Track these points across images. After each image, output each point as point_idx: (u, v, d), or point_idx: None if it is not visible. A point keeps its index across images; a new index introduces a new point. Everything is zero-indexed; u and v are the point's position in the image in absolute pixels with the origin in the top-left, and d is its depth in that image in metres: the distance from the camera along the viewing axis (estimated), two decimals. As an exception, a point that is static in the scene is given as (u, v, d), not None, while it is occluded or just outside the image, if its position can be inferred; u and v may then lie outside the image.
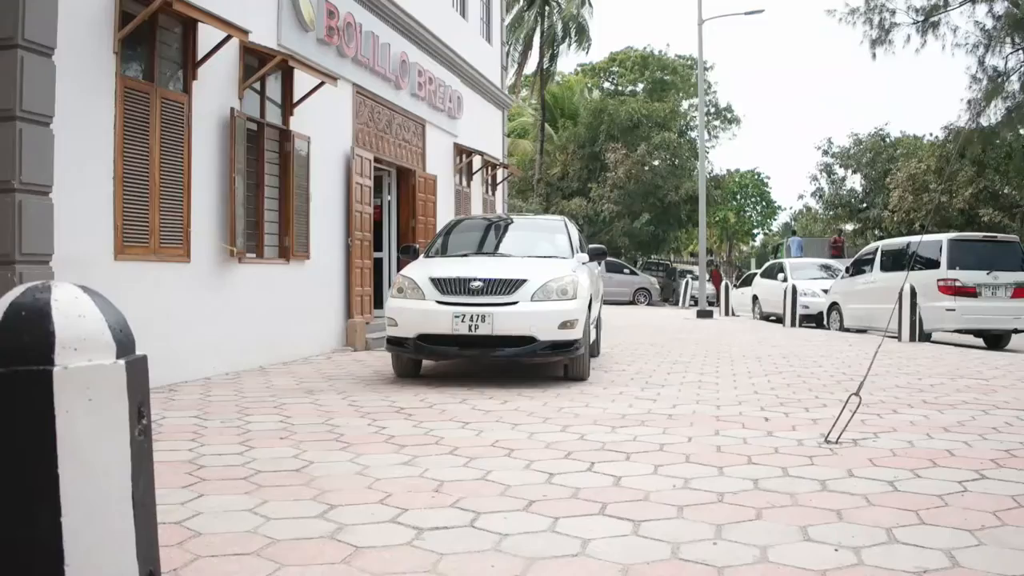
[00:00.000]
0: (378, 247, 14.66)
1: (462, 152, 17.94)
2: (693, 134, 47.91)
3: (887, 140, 43.15)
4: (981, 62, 27.66)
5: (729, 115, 57.22)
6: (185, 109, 8.57)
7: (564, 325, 8.31)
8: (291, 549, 3.47)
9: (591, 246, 10.49)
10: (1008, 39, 26.78)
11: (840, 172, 44.30)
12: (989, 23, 27.07)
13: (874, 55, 28.69)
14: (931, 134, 42.15)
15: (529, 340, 8.26)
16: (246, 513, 3.98)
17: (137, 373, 1.81)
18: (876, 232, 40.53)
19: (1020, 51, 27.13)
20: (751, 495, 4.32)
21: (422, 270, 8.84)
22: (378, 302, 14.00)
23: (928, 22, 27.57)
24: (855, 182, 44.03)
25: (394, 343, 8.66)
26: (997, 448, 5.49)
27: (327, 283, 12.00)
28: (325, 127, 11.73)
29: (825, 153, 44.12)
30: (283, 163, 10.60)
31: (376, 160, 13.80)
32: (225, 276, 9.37)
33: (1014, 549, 3.47)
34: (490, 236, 10.80)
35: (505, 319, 8.23)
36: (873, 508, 4.08)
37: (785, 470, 4.85)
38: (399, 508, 4.05)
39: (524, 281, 8.42)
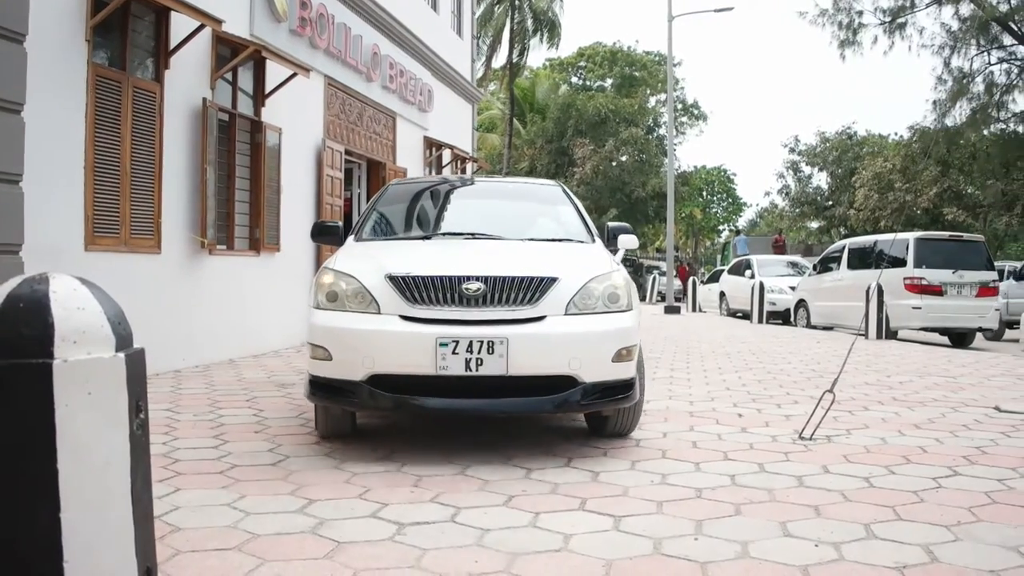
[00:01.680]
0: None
1: (432, 145, 17.89)
2: (661, 130, 48.10)
3: (853, 139, 43.58)
4: (947, 63, 28.00)
5: (696, 111, 57.46)
6: (157, 98, 8.47)
7: (620, 355, 5.04)
8: (272, 544, 3.45)
9: (610, 224, 6.74)
10: (973, 41, 27.09)
11: (806, 170, 44.72)
12: (955, 25, 27.37)
13: (843, 56, 28.95)
14: (896, 133, 42.58)
15: (567, 383, 4.92)
16: (225, 508, 3.95)
17: (136, 367, 1.79)
18: (841, 230, 40.94)
19: (985, 53, 27.44)
20: (729, 491, 4.35)
21: (367, 262, 5.35)
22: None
23: (895, 23, 27.82)
24: (821, 180, 44.45)
25: (324, 390, 5.06)
26: (968, 445, 5.55)
27: (297, 276, 11.91)
28: (296, 119, 11.64)
29: (792, 151, 44.53)
30: (254, 154, 10.51)
31: (347, 152, 13.73)
32: (196, 268, 9.28)
33: (990, 544, 3.52)
34: (459, 208, 7.20)
35: (529, 347, 4.84)
36: (850, 504, 4.12)
37: (761, 466, 4.89)
38: (379, 503, 4.04)
39: (554, 281, 5.03)
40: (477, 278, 4.95)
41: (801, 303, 19.17)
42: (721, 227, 68.30)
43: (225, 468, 4.72)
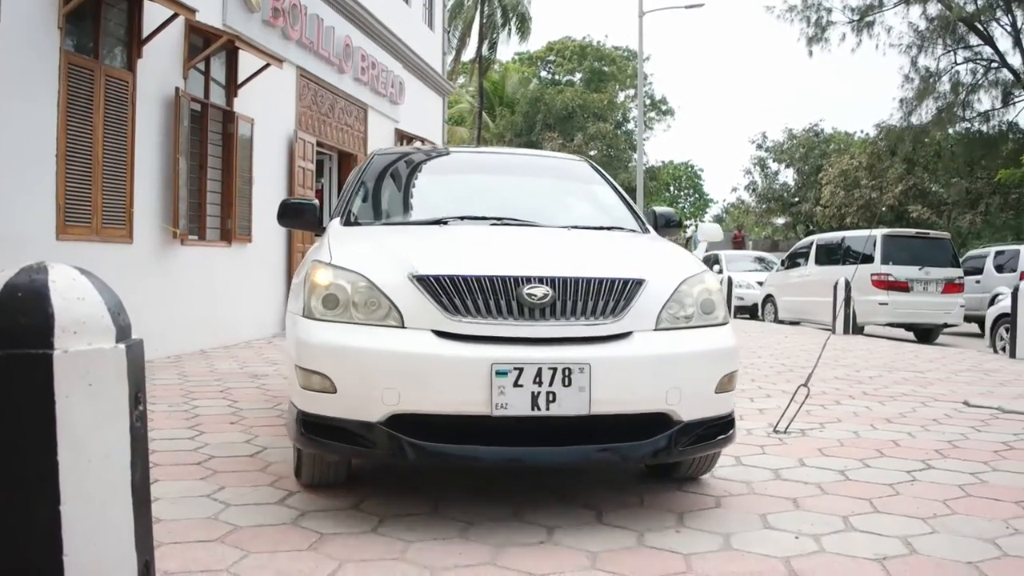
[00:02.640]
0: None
1: (403, 138, 17.83)
2: (630, 125, 48.26)
3: (820, 136, 43.95)
4: (914, 62, 28.43)
5: (664, 107, 57.67)
6: (129, 87, 8.39)
7: (723, 384, 3.88)
8: (255, 535, 3.43)
9: (658, 209, 5.48)
10: (940, 41, 27.43)
11: (773, 166, 45.09)
12: (922, 24, 27.72)
13: (811, 52, 29.33)
14: (863, 131, 43.06)
15: (660, 422, 3.70)
16: (204, 499, 3.93)
17: (135, 358, 1.77)
18: (807, 226, 41.29)
19: (951, 53, 27.79)
20: (707, 483, 4.39)
21: (378, 254, 3.99)
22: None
23: (863, 22, 28.12)
24: (788, 176, 44.86)
25: (324, 433, 3.65)
26: (939, 439, 5.62)
27: (269, 267, 11.86)
28: (269, 109, 11.57)
29: (759, 147, 44.89)
30: (226, 145, 10.43)
31: (318, 144, 13.68)
32: (167, 258, 9.21)
33: (966, 536, 3.57)
34: (473, 186, 5.56)
35: (617, 376, 3.59)
36: (828, 496, 4.16)
37: (738, 459, 4.92)
38: (360, 495, 4.03)
39: (641, 284, 3.78)
40: (541, 279, 3.62)
41: (769, 298, 19.32)
42: (688, 222, 68.68)
43: (202, 459, 4.70)
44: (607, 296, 3.67)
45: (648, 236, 4.94)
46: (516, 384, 3.44)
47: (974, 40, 27.75)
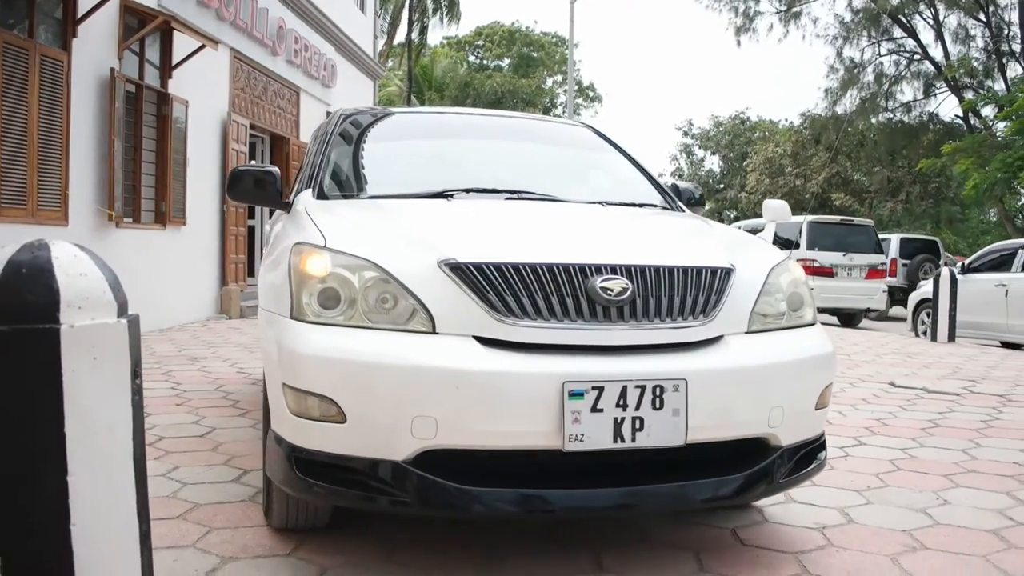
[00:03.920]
0: (251, 214, 14.43)
1: (336, 121, 17.74)
2: (557, 111, 48.49)
3: (746, 124, 44.66)
4: (839, 53, 29.09)
5: (592, 93, 58.00)
6: (64, 68, 8.26)
7: (823, 398, 3.13)
8: (216, 513, 3.48)
9: (681, 184, 4.62)
10: (865, 32, 28.08)
11: (699, 153, 45.72)
12: (848, 16, 28.35)
13: (739, 42, 29.74)
14: (787, 119, 43.86)
15: (756, 449, 2.92)
16: (161, 478, 3.95)
17: (134, 333, 1.82)
18: (732, 213, 41.97)
19: (876, 44, 28.46)
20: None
21: (385, 235, 3.02)
22: (251, 270, 13.79)
23: (790, 12, 28.65)
24: (713, 163, 45.53)
25: (328, 476, 2.69)
26: (869, 417, 5.85)
27: (203, 250, 11.77)
28: (203, 91, 11.46)
29: (686, 134, 45.57)
30: (161, 126, 10.32)
31: (251, 127, 13.59)
32: (102, 241, 9.10)
33: (900, 507, 3.77)
34: (472, 153, 4.60)
35: (716, 394, 2.76)
36: (770, 472, 4.32)
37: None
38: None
39: (730, 274, 2.96)
40: (616, 269, 2.78)
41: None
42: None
43: (153, 440, 4.70)
44: (695, 290, 2.85)
45: (687, 215, 4.16)
46: (595, 408, 2.60)
47: (898, 33, 28.48)
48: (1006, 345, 12.00)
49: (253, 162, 15.01)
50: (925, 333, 12.64)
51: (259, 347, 4.26)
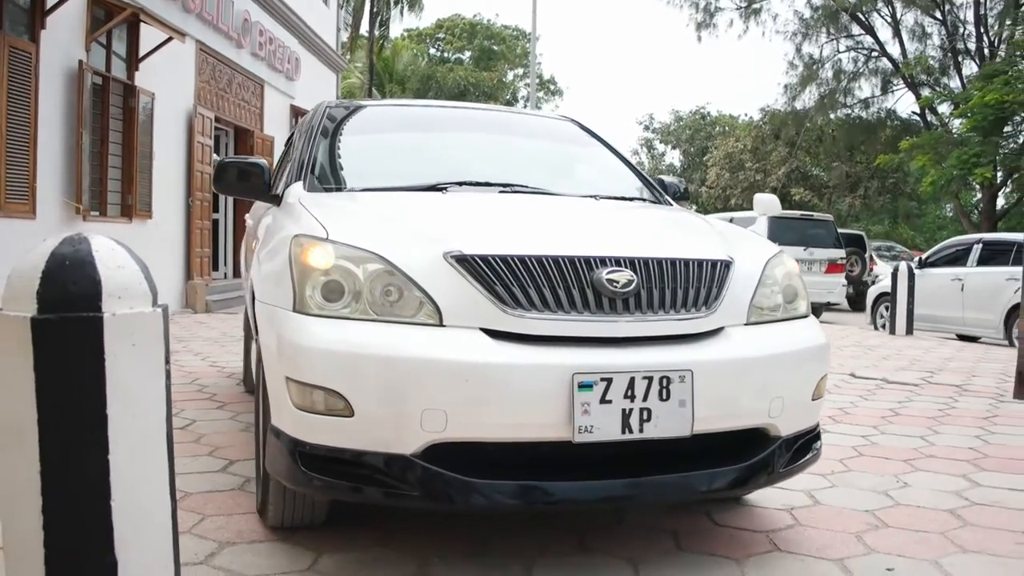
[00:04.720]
0: (215, 207, 14.43)
1: (299, 114, 17.76)
2: (519, 105, 48.61)
3: (707, 119, 45.05)
4: (798, 49, 29.48)
5: (553, 87, 58.20)
6: (33, 60, 8.26)
7: (819, 389, 3.21)
8: (207, 500, 3.56)
9: (666, 179, 4.71)
10: (824, 29, 28.48)
11: (660, 147, 46.09)
12: (807, 13, 28.74)
13: (699, 38, 30.05)
14: (747, 115, 44.35)
15: (758, 440, 2.98)
16: (150, 468, 4.03)
17: (166, 321, 1.94)
18: (692, 207, 42.32)
19: (835, 41, 28.89)
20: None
21: (397, 227, 3.05)
22: (215, 264, 13.81)
23: (751, 8, 28.98)
24: (674, 158, 45.90)
25: (334, 470, 2.70)
26: (831, 406, 6.05)
27: (168, 243, 11.78)
28: (168, 84, 11.46)
29: (647, 128, 45.89)
30: (127, 119, 10.32)
31: (216, 119, 13.59)
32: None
33: (863, 489, 3.96)
34: (459, 146, 4.61)
35: (720, 384, 2.84)
36: (739, 458, 4.50)
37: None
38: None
39: (729, 266, 3.05)
40: (620, 261, 2.83)
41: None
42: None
43: (138, 431, 4.77)
44: (697, 282, 2.92)
45: (677, 208, 4.26)
46: (603, 400, 2.64)
47: (856, 30, 28.91)
48: (962, 338, 12.33)
49: (216, 156, 15.03)
50: (884, 326, 12.93)
51: (239, 341, 4.19)
